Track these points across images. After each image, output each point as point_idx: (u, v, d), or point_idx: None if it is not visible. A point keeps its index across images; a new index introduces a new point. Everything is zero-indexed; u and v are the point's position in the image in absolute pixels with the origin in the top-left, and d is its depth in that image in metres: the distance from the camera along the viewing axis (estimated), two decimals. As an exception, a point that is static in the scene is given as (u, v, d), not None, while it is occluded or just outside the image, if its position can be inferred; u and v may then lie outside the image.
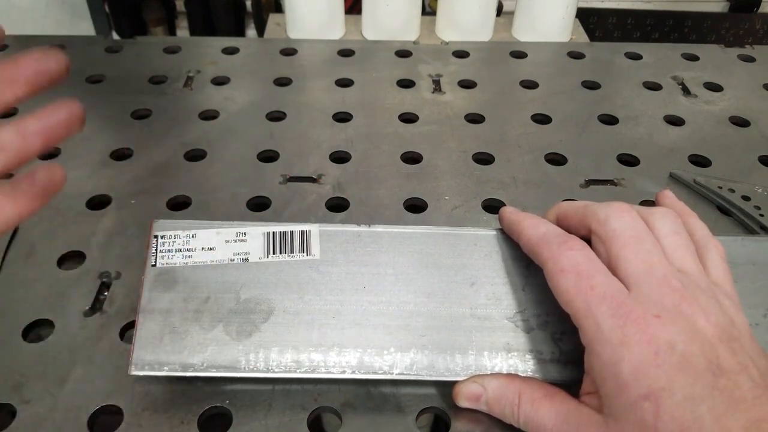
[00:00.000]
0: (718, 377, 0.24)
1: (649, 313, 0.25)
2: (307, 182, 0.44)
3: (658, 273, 0.27)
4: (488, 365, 0.30)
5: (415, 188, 0.43)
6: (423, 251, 0.34)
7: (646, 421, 0.24)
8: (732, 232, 0.41)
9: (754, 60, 0.60)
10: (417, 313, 0.31)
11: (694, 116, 0.52)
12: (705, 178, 0.44)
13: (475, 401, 0.29)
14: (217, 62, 0.58)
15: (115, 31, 0.98)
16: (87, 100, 0.52)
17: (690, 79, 0.57)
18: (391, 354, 0.30)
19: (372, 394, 0.31)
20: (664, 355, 0.24)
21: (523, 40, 0.68)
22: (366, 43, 0.64)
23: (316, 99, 0.53)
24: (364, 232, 0.34)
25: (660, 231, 0.29)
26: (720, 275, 0.29)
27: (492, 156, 0.47)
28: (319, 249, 0.33)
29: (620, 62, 0.60)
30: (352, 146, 0.47)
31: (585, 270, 0.28)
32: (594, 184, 0.44)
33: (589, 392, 0.27)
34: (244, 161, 0.46)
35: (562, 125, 0.51)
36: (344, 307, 0.31)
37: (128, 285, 0.36)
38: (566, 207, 0.32)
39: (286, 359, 0.30)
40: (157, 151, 0.47)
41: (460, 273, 0.33)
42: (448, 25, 0.67)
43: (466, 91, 0.55)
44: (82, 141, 0.47)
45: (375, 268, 0.33)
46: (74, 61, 0.60)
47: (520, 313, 0.32)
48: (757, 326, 0.31)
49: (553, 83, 0.56)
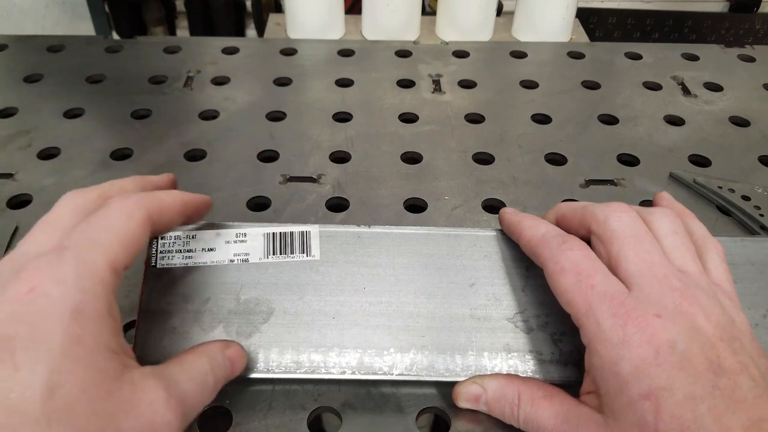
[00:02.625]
0: (718, 376, 0.24)
1: (650, 312, 0.25)
2: (307, 182, 0.44)
3: (658, 272, 0.27)
4: (488, 366, 0.30)
5: (415, 188, 0.43)
6: (423, 252, 0.34)
7: (646, 420, 0.24)
8: (732, 232, 0.41)
9: (754, 60, 0.60)
10: (417, 314, 0.31)
11: (694, 116, 0.52)
12: (705, 178, 0.44)
13: (475, 402, 0.29)
14: (217, 62, 0.58)
15: (115, 31, 0.98)
16: (87, 100, 0.52)
17: (690, 79, 0.57)
18: (391, 354, 0.30)
19: (372, 394, 0.31)
20: (664, 354, 0.24)
21: (523, 40, 0.68)
22: (366, 43, 0.64)
23: (316, 99, 0.53)
24: (364, 233, 0.34)
25: (659, 231, 0.29)
26: (720, 275, 0.29)
27: (492, 156, 0.47)
28: (319, 250, 0.33)
29: (620, 62, 0.60)
30: (352, 146, 0.47)
31: (585, 269, 0.28)
32: (594, 184, 0.44)
33: (590, 392, 0.27)
34: (244, 161, 0.46)
35: (562, 125, 0.51)
36: (344, 308, 0.31)
37: (128, 286, 0.36)
38: (565, 208, 0.32)
39: (286, 360, 0.30)
40: (157, 151, 0.47)
41: (460, 274, 0.33)
42: (448, 25, 0.67)
43: (466, 91, 0.55)
44: (82, 141, 0.47)
45: (375, 268, 0.33)
46: (74, 61, 0.60)
47: (519, 314, 0.32)
48: (756, 327, 0.31)
49: (553, 83, 0.56)
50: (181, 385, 0.25)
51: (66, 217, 0.26)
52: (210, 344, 0.28)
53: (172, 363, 0.26)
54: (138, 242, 0.26)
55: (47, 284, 0.22)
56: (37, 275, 0.22)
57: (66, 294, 0.22)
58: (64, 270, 0.23)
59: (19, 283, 0.22)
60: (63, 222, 0.26)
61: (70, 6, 0.91)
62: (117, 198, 0.27)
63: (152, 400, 0.23)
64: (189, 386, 0.25)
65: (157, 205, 0.28)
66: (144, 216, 0.27)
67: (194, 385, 0.26)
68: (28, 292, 0.22)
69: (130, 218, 0.26)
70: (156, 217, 0.27)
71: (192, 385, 0.25)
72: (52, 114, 0.50)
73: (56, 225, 0.26)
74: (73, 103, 0.51)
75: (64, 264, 0.23)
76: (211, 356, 0.27)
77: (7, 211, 0.41)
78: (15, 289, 0.22)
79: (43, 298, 0.22)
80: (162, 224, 0.28)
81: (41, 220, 0.27)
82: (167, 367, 0.25)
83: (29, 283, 0.22)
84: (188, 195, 0.30)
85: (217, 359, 0.27)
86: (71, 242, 0.24)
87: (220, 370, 0.27)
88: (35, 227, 0.26)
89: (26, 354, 0.21)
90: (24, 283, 0.22)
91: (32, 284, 0.22)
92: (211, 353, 0.27)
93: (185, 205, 0.30)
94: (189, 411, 0.25)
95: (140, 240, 0.26)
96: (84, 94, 0.53)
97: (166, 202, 0.28)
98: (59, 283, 0.22)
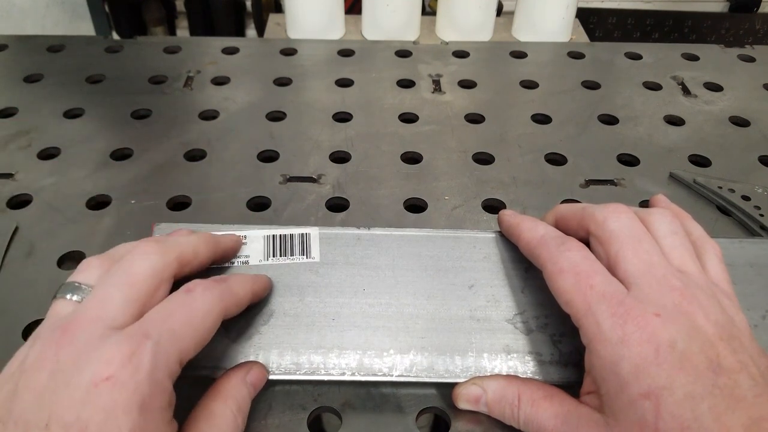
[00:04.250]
0: (718, 376, 0.24)
1: (649, 311, 0.25)
2: (307, 182, 0.44)
3: (657, 272, 0.27)
4: (488, 367, 0.30)
5: (415, 188, 0.43)
6: (422, 254, 0.34)
7: (646, 419, 0.24)
8: (732, 232, 0.41)
9: (754, 60, 0.60)
10: (416, 315, 0.31)
11: (694, 116, 0.52)
12: (705, 178, 0.44)
13: (475, 403, 0.29)
14: (217, 62, 0.58)
15: (115, 31, 0.98)
16: (87, 100, 0.52)
17: (690, 79, 0.57)
18: (391, 356, 0.30)
19: (372, 394, 0.31)
20: (664, 353, 0.24)
21: (523, 40, 0.68)
22: (366, 43, 0.64)
23: (316, 99, 0.53)
24: (364, 235, 0.34)
25: (658, 231, 0.29)
26: (718, 275, 0.29)
27: (492, 156, 0.47)
28: (319, 252, 0.33)
29: (620, 62, 0.60)
30: (352, 146, 0.47)
31: (584, 270, 0.28)
32: (594, 184, 0.44)
33: (590, 392, 0.27)
34: (244, 161, 0.46)
35: (562, 125, 0.51)
36: (344, 310, 0.31)
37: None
38: (564, 209, 0.32)
39: (286, 361, 0.30)
40: (157, 151, 0.47)
41: (460, 275, 0.33)
42: (448, 25, 0.67)
43: (466, 91, 0.55)
44: (82, 141, 0.47)
45: (374, 270, 0.33)
46: (74, 61, 0.60)
47: (519, 315, 0.32)
48: (756, 328, 0.31)
49: (553, 83, 0.56)
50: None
51: (147, 282, 0.26)
52: (233, 379, 0.28)
53: (202, 422, 0.26)
54: (208, 338, 0.26)
55: (124, 375, 0.22)
56: (116, 361, 0.23)
57: (138, 388, 0.22)
58: (143, 362, 0.23)
59: (99, 366, 0.22)
60: (143, 288, 0.26)
61: (70, 6, 0.91)
62: (200, 288, 0.27)
63: None
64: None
65: (233, 300, 0.28)
66: (220, 313, 0.27)
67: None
68: (106, 379, 0.22)
69: (208, 315, 0.26)
70: (228, 311, 0.28)
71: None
72: (52, 114, 0.50)
73: (137, 290, 0.26)
74: (73, 103, 0.51)
75: (144, 355, 0.23)
76: (237, 397, 0.27)
77: (7, 211, 0.41)
78: (94, 371, 0.22)
79: (119, 389, 0.22)
80: (229, 316, 0.28)
81: (119, 275, 0.26)
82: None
83: (108, 369, 0.22)
84: (256, 282, 0.30)
85: (242, 394, 0.28)
86: (153, 330, 0.24)
87: (245, 403, 0.28)
88: (112, 281, 0.26)
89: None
90: (104, 368, 0.22)
91: (111, 372, 0.22)
92: (236, 392, 0.27)
93: (253, 295, 0.30)
94: None
95: (210, 335, 0.26)
96: (84, 94, 0.53)
97: (239, 297, 0.29)
98: (135, 373, 0.23)
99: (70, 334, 0.24)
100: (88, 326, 0.24)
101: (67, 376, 0.22)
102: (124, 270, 0.26)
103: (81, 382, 0.22)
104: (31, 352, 0.24)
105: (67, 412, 0.22)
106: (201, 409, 0.27)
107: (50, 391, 0.22)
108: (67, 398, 0.22)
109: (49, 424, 0.21)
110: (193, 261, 0.29)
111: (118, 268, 0.27)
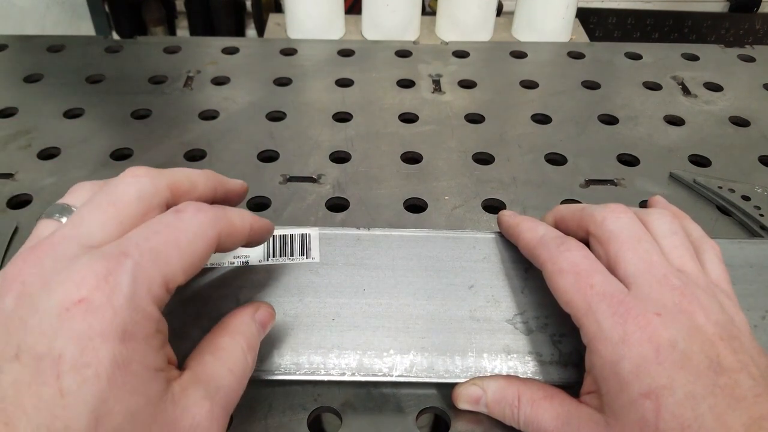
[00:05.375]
0: (718, 375, 0.24)
1: (650, 311, 0.25)
2: (307, 182, 0.44)
3: (657, 272, 0.27)
4: (488, 367, 0.30)
5: (415, 188, 0.43)
6: (422, 254, 0.34)
7: (647, 419, 0.24)
8: (732, 232, 0.41)
9: (754, 60, 0.60)
10: (416, 316, 0.31)
11: (694, 116, 0.52)
12: (705, 178, 0.44)
13: (475, 404, 0.29)
14: (217, 62, 0.58)
15: (115, 31, 0.99)
16: (87, 100, 0.52)
17: (690, 79, 0.57)
18: (391, 356, 0.30)
19: (372, 394, 0.31)
20: (664, 353, 0.24)
21: (523, 40, 0.68)
22: (366, 43, 0.64)
23: (316, 99, 0.53)
24: (364, 236, 0.34)
25: (657, 231, 0.29)
26: (718, 275, 0.29)
27: (492, 156, 0.47)
28: (319, 252, 0.33)
29: (620, 62, 0.60)
30: (352, 146, 0.47)
31: (584, 269, 0.28)
32: (594, 184, 0.44)
33: (590, 392, 0.27)
34: (244, 161, 0.46)
35: (562, 125, 0.51)
36: (344, 310, 0.31)
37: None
38: (564, 210, 0.32)
39: (286, 361, 0.30)
40: (157, 151, 0.47)
41: (460, 276, 0.33)
42: (448, 25, 0.67)
43: (466, 91, 0.55)
44: (82, 141, 0.47)
45: (374, 270, 0.33)
46: (74, 61, 0.60)
47: (519, 315, 0.32)
48: (755, 328, 0.31)
49: (553, 83, 0.56)
50: (221, 384, 0.24)
51: (132, 205, 0.24)
52: (242, 315, 0.26)
53: (207, 354, 0.24)
54: (199, 264, 0.24)
55: (99, 298, 0.20)
56: (89, 282, 0.20)
57: (117, 312, 0.20)
58: (120, 283, 0.21)
59: (70, 287, 0.20)
60: (128, 210, 0.24)
61: (70, 6, 0.91)
62: (192, 209, 0.24)
63: (195, 415, 0.22)
64: (229, 380, 0.24)
65: (228, 229, 0.25)
66: (213, 238, 0.24)
67: (234, 378, 0.24)
68: (78, 302, 0.20)
69: (198, 238, 0.24)
70: (222, 240, 0.25)
71: (232, 378, 0.24)
72: (52, 114, 0.50)
73: (120, 210, 0.23)
74: (73, 103, 0.51)
75: (121, 275, 0.21)
76: (246, 333, 0.26)
77: (7, 211, 0.41)
78: (65, 293, 0.20)
79: (94, 314, 0.20)
80: (224, 248, 0.26)
81: (103, 195, 0.24)
82: (205, 366, 0.24)
83: (80, 291, 0.20)
84: (256, 220, 0.28)
85: (251, 330, 0.26)
86: (133, 249, 0.22)
87: (255, 340, 0.26)
88: (95, 201, 0.24)
89: (73, 378, 0.19)
90: (75, 290, 0.20)
91: (83, 294, 0.20)
92: (245, 328, 0.26)
93: (252, 231, 0.27)
94: (231, 405, 0.24)
95: (202, 262, 0.24)
96: (84, 94, 0.53)
97: (236, 227, 0.26)
98: (112, 295, 0.20)
99: (40, 252, 0.22)
100: (59, 244, 0.22)
101: (34, 300, 0.20)
102: (110, 191, 0.24)
103: (50, 306, 0.20)
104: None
105: (38, 342, 0.19)
106: (206, 343, 0.25)
107: (18, 318, 0.20)
108: (37, 325, 0.20)
109: (18, 354, 0.19)
110: (190, 193, 0.26)
111: (104, 189, 0.24)
